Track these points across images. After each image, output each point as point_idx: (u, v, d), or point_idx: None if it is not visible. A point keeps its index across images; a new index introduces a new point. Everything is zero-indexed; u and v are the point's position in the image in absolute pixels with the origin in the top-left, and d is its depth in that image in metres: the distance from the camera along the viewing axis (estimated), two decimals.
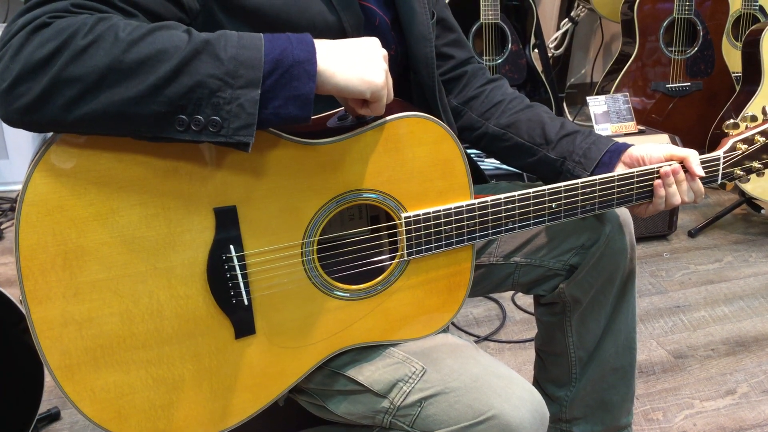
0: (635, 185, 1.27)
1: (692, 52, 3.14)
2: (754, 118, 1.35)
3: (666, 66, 3.15)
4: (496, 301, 2.49)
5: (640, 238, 2.88)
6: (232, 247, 1.07)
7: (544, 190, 1.21)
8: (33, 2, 0.93)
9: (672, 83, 3.15)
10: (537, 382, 1.60)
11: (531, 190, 1.21)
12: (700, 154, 1.30)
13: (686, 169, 1.28)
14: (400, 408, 1.13)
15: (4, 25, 3.16)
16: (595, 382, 1.51)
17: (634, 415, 1.60)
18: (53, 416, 1.87)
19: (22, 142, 3.35)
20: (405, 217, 1.15)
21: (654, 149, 1.29)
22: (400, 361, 1.16)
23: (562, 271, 1.43)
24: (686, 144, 2.58)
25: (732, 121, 1.35)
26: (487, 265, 1.45)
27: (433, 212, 1.16)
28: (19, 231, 0.98)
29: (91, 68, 0.88)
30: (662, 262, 2.77)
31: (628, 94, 2.87)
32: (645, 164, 1.29)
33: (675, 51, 3.14)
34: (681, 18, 3.09)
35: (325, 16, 1.14)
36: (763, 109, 1.37)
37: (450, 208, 1.17)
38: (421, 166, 1.15)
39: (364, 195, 1.13)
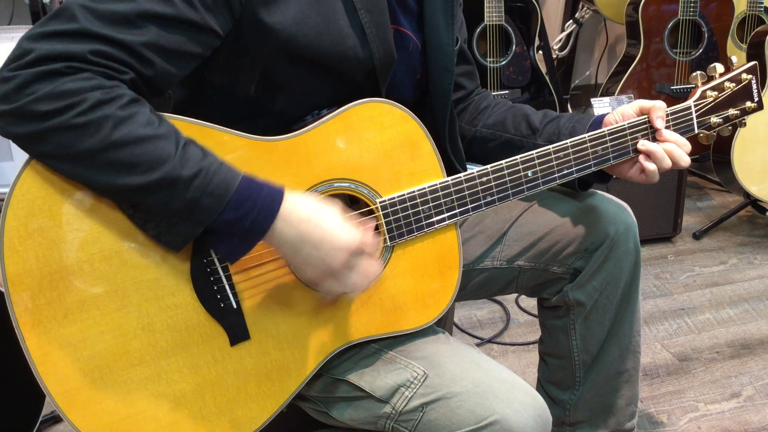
0: (609, 143, 1.27)
1: (697, 54, 3.13)
2: (721, 68, 1.38)
3: (671, 67, 3.14)
4: (499, 303, 2.49)
5: (645, 240, 2.88)
6: (212, 250, 1.07)
7: (517, 159, 1.22)
8: (55, 29, 0.95)
9: (677, 85, 3.14)
10: (540, 385, 1.59)
11: (503, 162, 1.21)
12: (706, 158, 1.30)
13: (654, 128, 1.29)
14: (402, 413, 1.13)
15: (9, 27, 3.17)
16: (599, 385, 1.50)
17: (639, 418, 1.60)
18: (56, 419, 1.87)
19: None
20: (380, 202, 1.15)
21: (625, 107, 1.32)
22: (402, 367, 1.16)
23: (566, 275, 1.42)
24: (691, 145, 2.57)
25: (700, 72, 1.38)
26: (491, 269, 1.44)
27: (408, 194, 1.16)
28: (4, 258, 0.98)
29: (71, 146, 0.94)
30: (667, 265, 2.76)
31: (632, 95, 2.86)
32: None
33: (680, 53, 3.13)
34: (686, 19, 3.08)
35: (357, 51, 1.14)
36: (730, 59, 1.40)
37: (424, 188, 1.17)
38: (387, 150, 1.15)
39: (336, 185, 1.14)
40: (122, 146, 0.95)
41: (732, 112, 1.37)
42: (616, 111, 1.32)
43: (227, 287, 1.09)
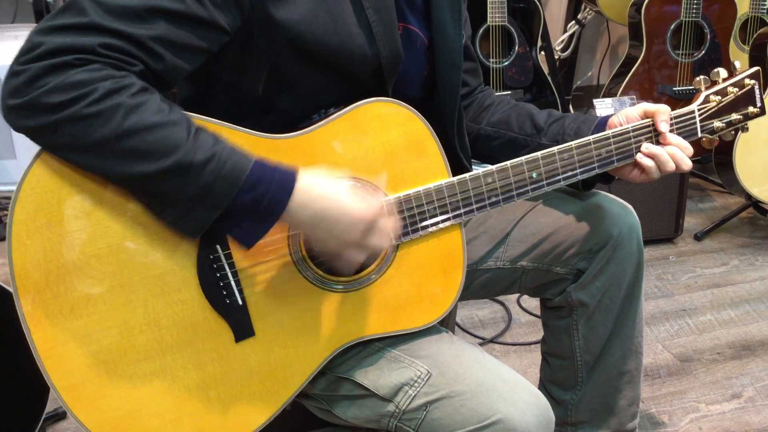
0: (613, 145, 1.27)
1: (699, 56, 3.13)
2: (725, 73, 1.38)
3: (673, 69, 3.14)
4: (501, 303, 2.49)
5: (647, 241, 2.85)
6: (218, 246, 1.08)
7: (521, 160, 1.22)
8: (65, 23, 0.96)
9: (679, 86, 3.14)
10: (543, 385, 1.60)
11: (508, 162, 1.22)
12: (708, 160, 1.31)
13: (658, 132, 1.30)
14: (405, 412, 1.13)
15: (13, 25, 3.17)
16: (601, 385, 1.51)
17: (640, 419, 1.60)
18: (59, 415, 1.88)
19: (30, 142, 3.35)
20: (385, 201, 1.16)
21: (630, 110, 1.32)
22: (406, 366, 1.16)
23: (569, 276, 1.43)
24: (693, 148, 2.58)
25: (703, 77, 1.38)
26: (494, 269, 1.45)
27: (413, 193, 1.17)
28: (12, 251, 0.99)
29: (83, 136, 0.95)
30: (668, 266, 2.77)
31: (634, 96, 2.86)
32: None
33: (682, 54, 3.13)
34: (688, 21, 3.08)
35: (364, 50, 1.15)
36: (733, 64, 1.40)
37: (429, 188, 1.18)
38: (393, 149, 1.16)
39: None
40: (134, 134, 0.95)
41: (735, 116, 1.37)
42: (620, 113, 1.32)
43: (233, 284, 1.09)
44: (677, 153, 1.28)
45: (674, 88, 3.14)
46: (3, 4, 3.28)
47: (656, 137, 1.30)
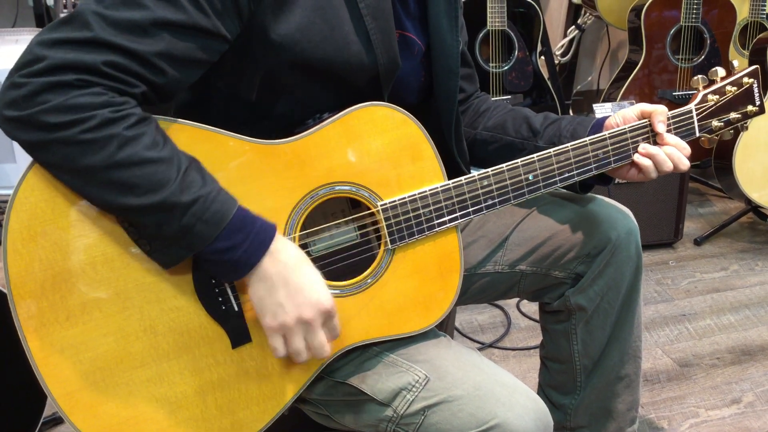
0: (609, 147, 1.27)
1: (699, 60, 3.13)
2: (723, 72, 1.38)
3: (673, 74, 3.14)
4: (500, 307, 2.49)
5: (646, 246, 2.87)
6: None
7: (517, 162, 1.22)
8: (69, 36, 0.95)
9: (679, 91, 3.14)
10: (541, 390, 1.59)
11: (504, 165, 1.21)
12: (707, 165, 1.30)
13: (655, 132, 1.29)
14: (403, 417, 1.13)
15: (14, 29, 3.18)
16: (599, 390, 1.50)
17: (639, 424, 1.60)
18: (57, 420, 1.87)
19: None
20: (381, 205, 1.15)
21: (627, 110, 1.31)
22: (404, 370, 1.16)
23: (567, 280, 1.42)
24: (692, 152, 2.58)
25: (701, 76, 1.37)
26: (492, 273, 1.44)
27: (409, 197, 1.17)
28: (7, 260, 0.99)
29: (74, 160, 0.95)
30: (668, 270, 2.76)
31: (634, 101, 2.86)
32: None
33: (682, 59, 3.13)
34: (688, 26, 3.08)
35: (361, 58, 1.15)
36: (731, 63, 1.40)
37: (425, 191, 1.17)
38: (388, 153, 1.15)
39: (337, 188, 1.14)
40: (124, 167, 0.95)
41: (733, 115, 1.37)
42: (617, 114, 1.32)
43: (229, 290, 1.09)
44: (675, 153, 1.28)
45: (674, 93, 3.14)
46: (3, 8, 3.29)
47: (653, 137, 1.30)
